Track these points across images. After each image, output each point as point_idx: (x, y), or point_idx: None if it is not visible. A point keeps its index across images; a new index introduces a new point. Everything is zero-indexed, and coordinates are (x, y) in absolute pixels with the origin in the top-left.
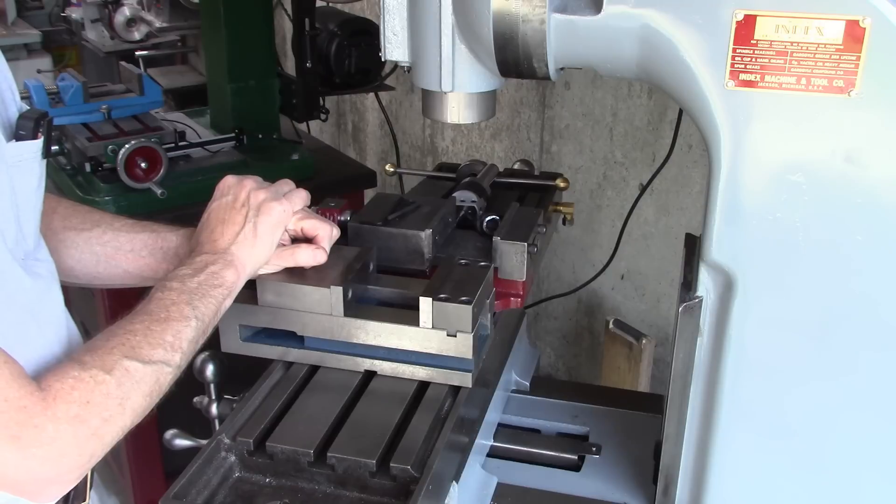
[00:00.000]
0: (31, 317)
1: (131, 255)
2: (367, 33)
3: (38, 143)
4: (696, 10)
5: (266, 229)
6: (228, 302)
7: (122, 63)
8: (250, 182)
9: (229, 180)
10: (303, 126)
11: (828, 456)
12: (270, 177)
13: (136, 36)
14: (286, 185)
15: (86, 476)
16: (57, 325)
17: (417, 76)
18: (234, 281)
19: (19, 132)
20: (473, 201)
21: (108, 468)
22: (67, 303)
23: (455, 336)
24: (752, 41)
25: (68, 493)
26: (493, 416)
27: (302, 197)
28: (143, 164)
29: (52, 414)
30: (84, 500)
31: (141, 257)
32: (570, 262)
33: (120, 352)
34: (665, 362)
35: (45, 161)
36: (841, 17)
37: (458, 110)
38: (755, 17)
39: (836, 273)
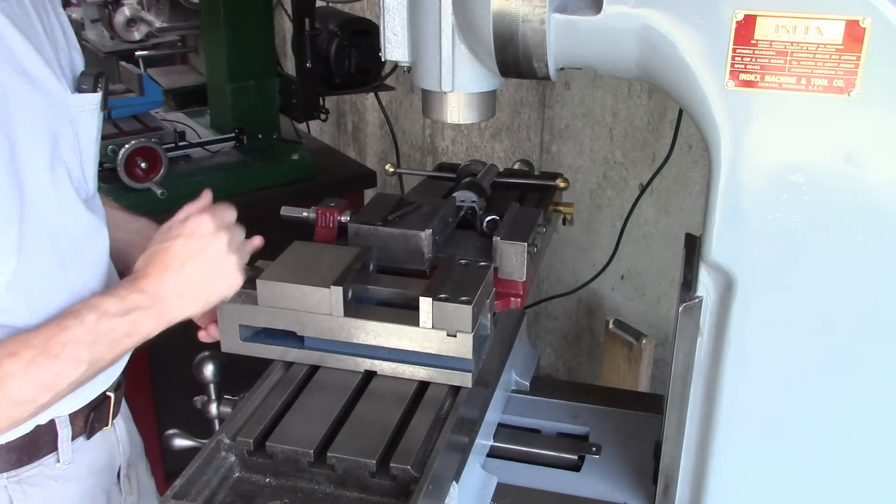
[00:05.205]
0: (74, 247)
1: None
2: (367, 33)
3: (97, 97)
4: (696, 10)
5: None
6: (133, 344)
7: (122, 63)
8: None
9: (208, 225)
10: (303, 126)
11: (827, 456)
12: (270, 177)
13: (136, 36)
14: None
15: (109, 401)
16: (96, 261)
17: (417, 76)
18: (150, 333)
19: (81, 86)
20: (473, 201)
21: None
22: None
23: (455, 336)
24: (752, 41)
25: (88, 415)
26: (493, 416)
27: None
28: (143, 164)
29: None
30: (106, 425)
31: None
32: (570, 262)
33: None
34: (665, 362)
35: (101, 115)
36: (841, 17)
37: (458, 110)
38: (755, 17)
39: (835, 273)
